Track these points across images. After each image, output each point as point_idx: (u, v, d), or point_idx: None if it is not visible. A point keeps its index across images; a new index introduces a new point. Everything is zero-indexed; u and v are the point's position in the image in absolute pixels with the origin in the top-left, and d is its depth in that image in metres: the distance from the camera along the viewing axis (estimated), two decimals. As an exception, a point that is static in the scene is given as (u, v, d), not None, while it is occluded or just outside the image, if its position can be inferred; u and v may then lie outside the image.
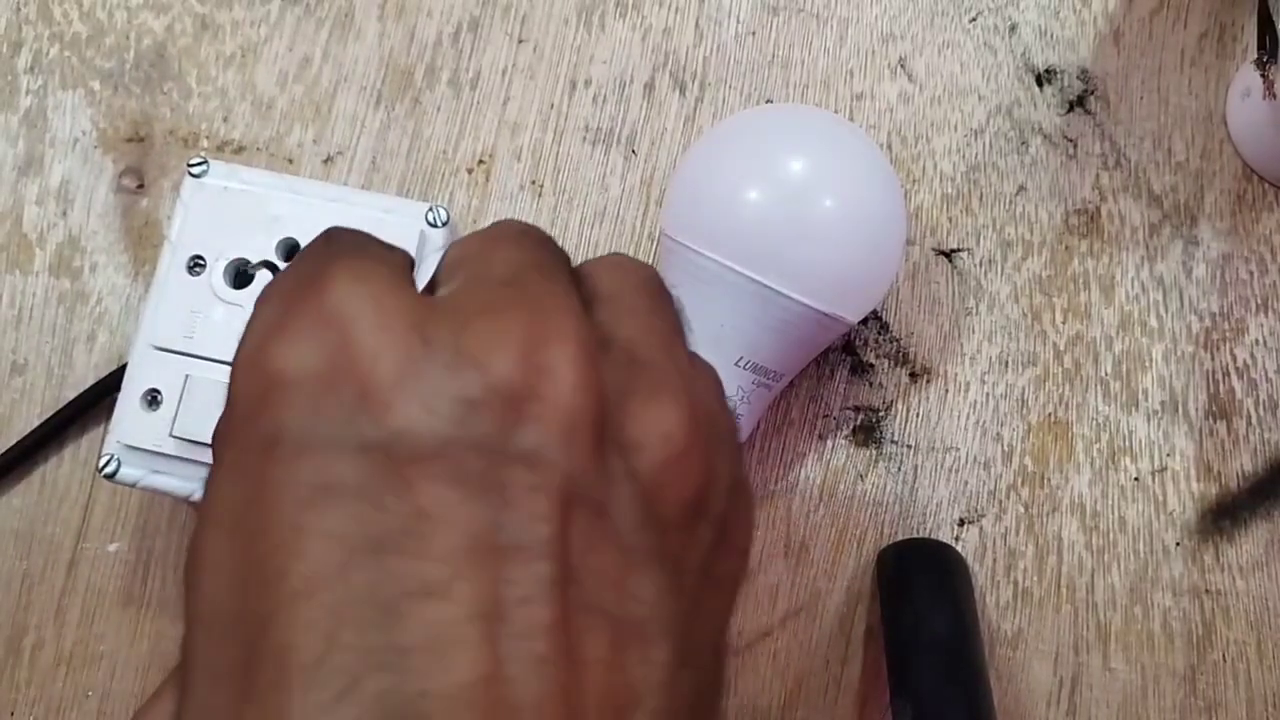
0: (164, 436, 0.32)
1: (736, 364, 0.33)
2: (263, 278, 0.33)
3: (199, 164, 0.34)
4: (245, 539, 0.15)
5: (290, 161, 0.39)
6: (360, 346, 0.16)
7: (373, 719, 0.14)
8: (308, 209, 0.33)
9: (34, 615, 0.36)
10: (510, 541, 0.15)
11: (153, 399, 0.33)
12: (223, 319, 0.33)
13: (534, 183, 0.39)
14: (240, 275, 0.33)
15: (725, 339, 0.33)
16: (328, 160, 0.39)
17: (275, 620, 0.15)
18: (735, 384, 0.33)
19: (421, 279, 0.27)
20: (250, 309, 0.21)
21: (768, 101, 0.39)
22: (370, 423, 0.15)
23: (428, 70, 0.39)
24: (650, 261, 0.38)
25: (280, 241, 0.33)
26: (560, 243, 0.39)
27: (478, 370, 0.16)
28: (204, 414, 0.32)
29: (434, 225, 0.33)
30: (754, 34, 0.40)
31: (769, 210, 0.32)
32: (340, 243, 0.18)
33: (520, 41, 0.40)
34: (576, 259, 0.41)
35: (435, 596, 0.15)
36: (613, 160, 0.39)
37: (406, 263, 0.19)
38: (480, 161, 0.39)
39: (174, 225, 0.33)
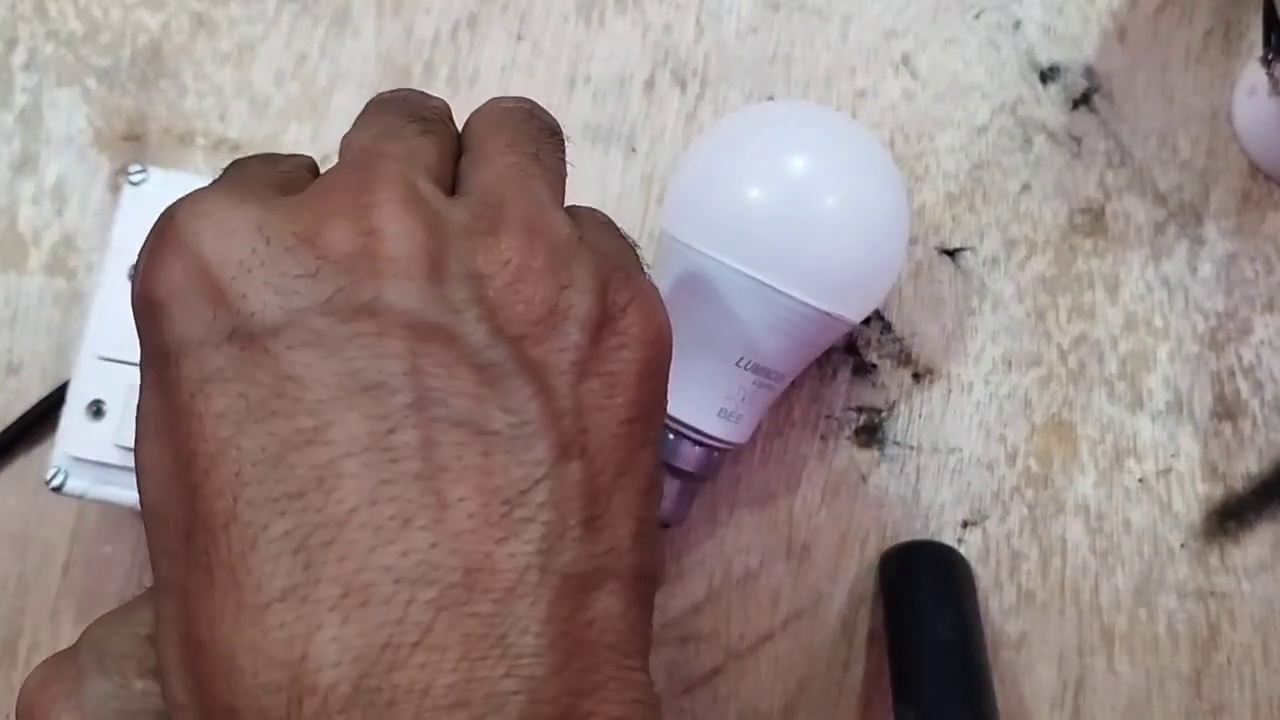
0: (109, 447, 0.32)
1: (738, 364, 0.33)
2: None
3: (138, 172, 0.33)
4: (165, 439, 0.19)
5: (287, 160, 0.38)
6: (207, 257, 0.18)
7: (285, 553, 0.17)
8: None
9: (29, 617, 0.36)
10: (370, 382, 0.18)
11: (97, 410, 0.32)
12: None
13: (533, 181, 0.38)
14: None
15: (726, 339, 0.32)
16: (325, 159, 0.39)
17: (195, 495, 0.18)
18: (736, 385, 0.33)
19: None
20: None
21: (769, 99, 0.39)
22: (229, 315, 0.18)
23: (426, 67, 0.39)
24: (651, 261, 0.38)
25: None
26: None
27: (311, 247, 0.18)
28: None
29: None
30: (755, 30, 0.39)
31: (771, 208, 0.32)
32: (220, 178, 0.22)
33: (519, 38, 0.39)
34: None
35: (313, 443, 0.18)
36: (613, 158, 0.39)
37: (285, 175, 0.22)
38: (479, 160, 0.39)
39: (114, 234, 0.33)
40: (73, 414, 0.32)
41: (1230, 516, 0.37)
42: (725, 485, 0.37)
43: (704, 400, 0.33)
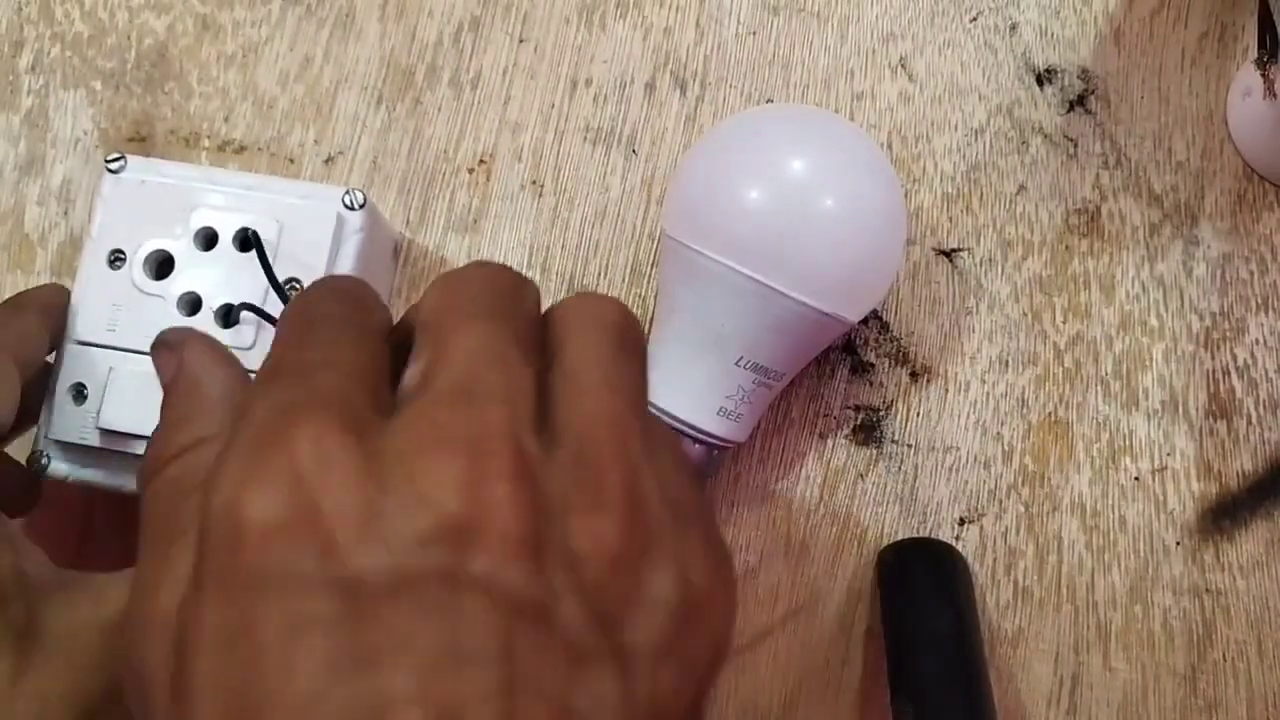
0: (91, 429, 0.33)
1: (737, 364, 0.33)
2: (193, 270, 0.33)
3: (116, 160, 0.34)
4: (236, 664, 0.18)
5: (291, 161, 0.39)
6: (323, 500, 0.18)
7: None
8: (225, 197, 0.34)
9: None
10: (466, 654, 0.17)
11: (79, 393, 0.33)
12: (143, 310, 0.33)
13: (535, 182, 0.39)
14: (161, 266, 0.34)
15: (726, 339, 0.33)
16: (329, 160, 0.39)
17: None
18: (736, 384, 0.33)
19: (342, 262, 0.34)
20: (170, 300, 0.33)
21: (768, 101, 0.39)
22: (338, 565, 0.18)
23: (429, 70, 0.39)
24: (652, 261, 0.38)
25: (198, 231, 0.33)
26: (561, 244, 0.39)
27: (428, 509, 0.18)
28: (127, 405, 0.33)
29: (351, 208, 0.34)
30: (755, 33, 0.40)
31: (770, 210, 0.32)
32: (302, 381, 0.21)
33: (521, 41, 0.40)
34: (577, 259, 0.41)
35: (404, 703, 0.17)
36: (613, 160, 0.39)
37: (373, 363, 0.21)
38: (481, 161, 0.39)
39: (94, 221, 0.34)
40: (56, 398, 0.33)
41: (1225, 514, 0.37)
42: (724, 483, 0.37)
43: (704, 399, 0.33)
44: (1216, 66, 0.39)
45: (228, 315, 0.33)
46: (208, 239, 0.34)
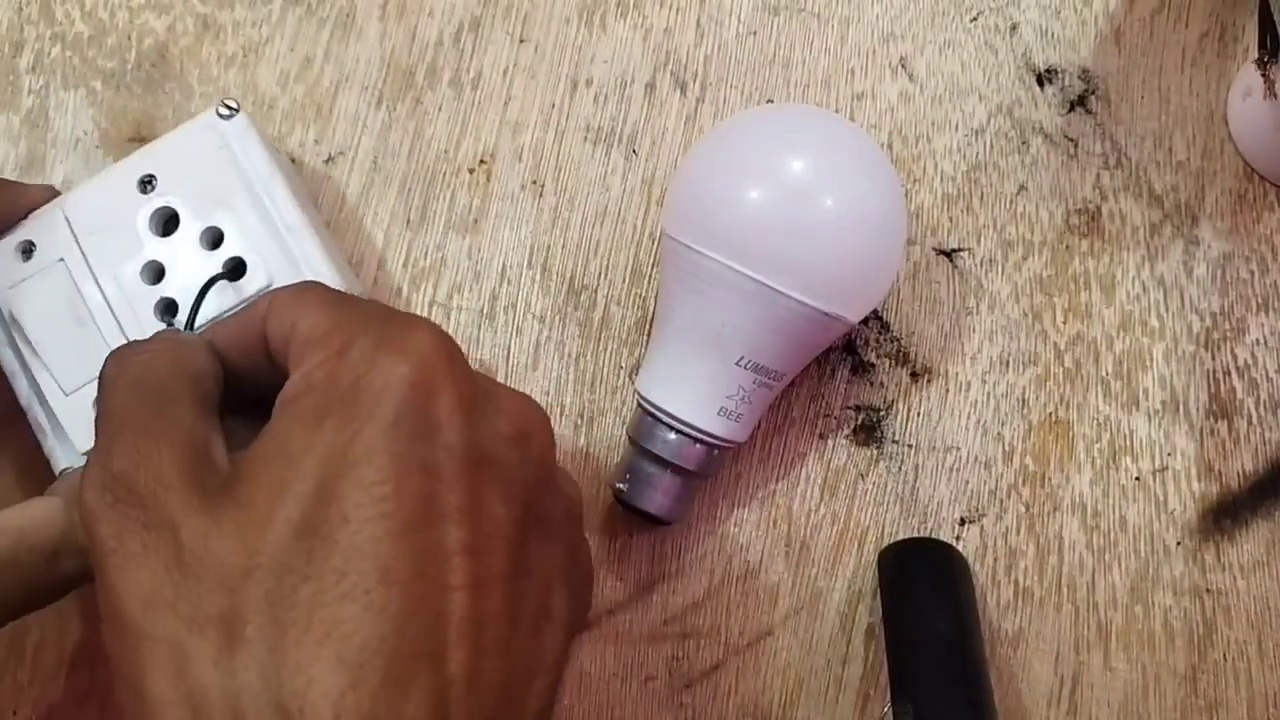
0: (5, 288, 0.32)
1: (738, 363, 0.33)
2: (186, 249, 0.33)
3: (231, 110, 0.33)
4: (343, 480, 0.22)
5: (292, 161, 0.39)
6: (443, 380, 0.23)
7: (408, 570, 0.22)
8: (258, 219, 0.33)
9: (36, 613, 0.36)
10: (500, 532, 0.23)
11: (28, 250, 0.32)
12: (121, 244, 0.32)
13: (535, 182, 0.39)
14: (166, 224, 0.33)
15: (726, 339, 0.33)
16: (329, 160, 0.39)
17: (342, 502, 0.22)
18: (736, 383, 0.33)
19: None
20: (143, 254, 0.33)
21: (769, 101, 0.39)
22: (446, 431, 0.23)
23: (429, 70, 0.39)
24: (652, 261, 0.38)
25: (209, 228, 0.33)
26: (561, 244, 0.40)
27: (508, 420, 0.25)
28: (37, 304, 0.32)
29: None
30: (755, 33, 0.40)
31: (770, 210, 0.32)
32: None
33: (521, 41, 0.40)
34: (578, 259, 0.41)
35: (457, 554, 0.22)
36: (614, 160, 0.39)
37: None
38: (481, 161, 0.39)
39: (167, 137, 0.34)
40: (6, 239, 0.33)
41: (1225, 514, 0.37)
42: (725, 483, 0.37)
43: (704, 399, 0.33)
44: (1217, 66, 0.40)
45: (167, 308, 0.33)
46: (214, 240, 0.33)
